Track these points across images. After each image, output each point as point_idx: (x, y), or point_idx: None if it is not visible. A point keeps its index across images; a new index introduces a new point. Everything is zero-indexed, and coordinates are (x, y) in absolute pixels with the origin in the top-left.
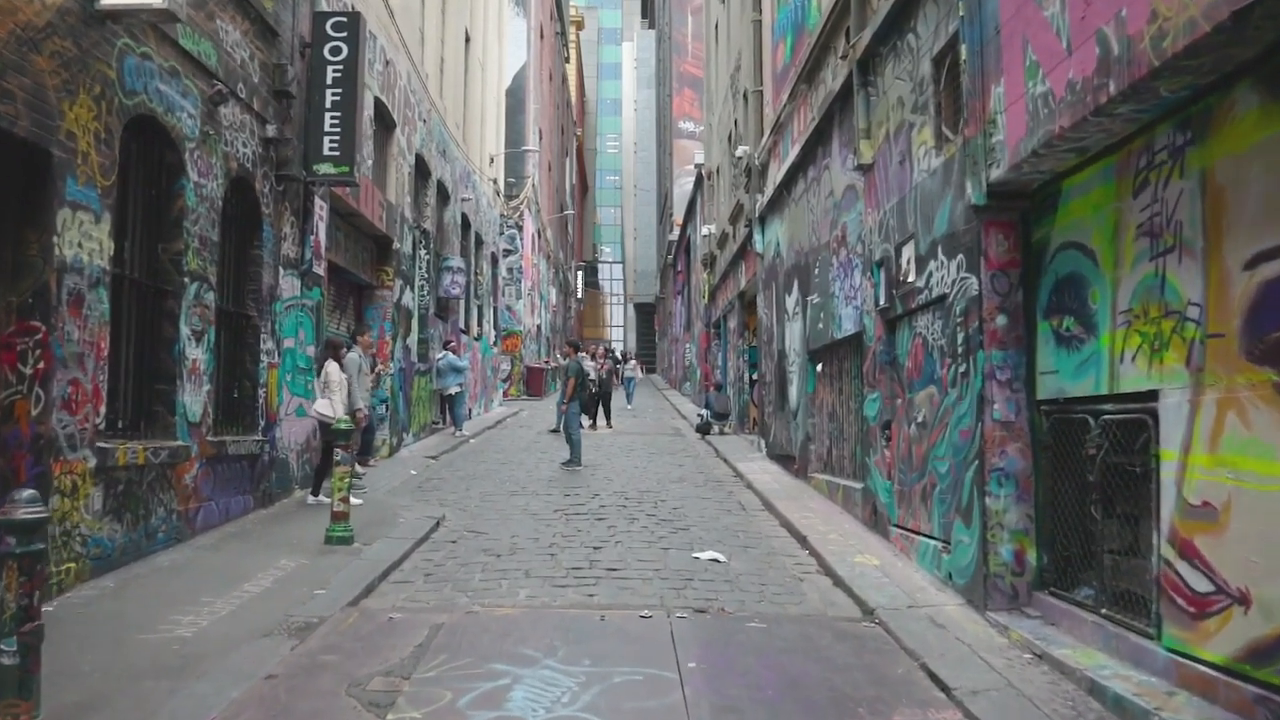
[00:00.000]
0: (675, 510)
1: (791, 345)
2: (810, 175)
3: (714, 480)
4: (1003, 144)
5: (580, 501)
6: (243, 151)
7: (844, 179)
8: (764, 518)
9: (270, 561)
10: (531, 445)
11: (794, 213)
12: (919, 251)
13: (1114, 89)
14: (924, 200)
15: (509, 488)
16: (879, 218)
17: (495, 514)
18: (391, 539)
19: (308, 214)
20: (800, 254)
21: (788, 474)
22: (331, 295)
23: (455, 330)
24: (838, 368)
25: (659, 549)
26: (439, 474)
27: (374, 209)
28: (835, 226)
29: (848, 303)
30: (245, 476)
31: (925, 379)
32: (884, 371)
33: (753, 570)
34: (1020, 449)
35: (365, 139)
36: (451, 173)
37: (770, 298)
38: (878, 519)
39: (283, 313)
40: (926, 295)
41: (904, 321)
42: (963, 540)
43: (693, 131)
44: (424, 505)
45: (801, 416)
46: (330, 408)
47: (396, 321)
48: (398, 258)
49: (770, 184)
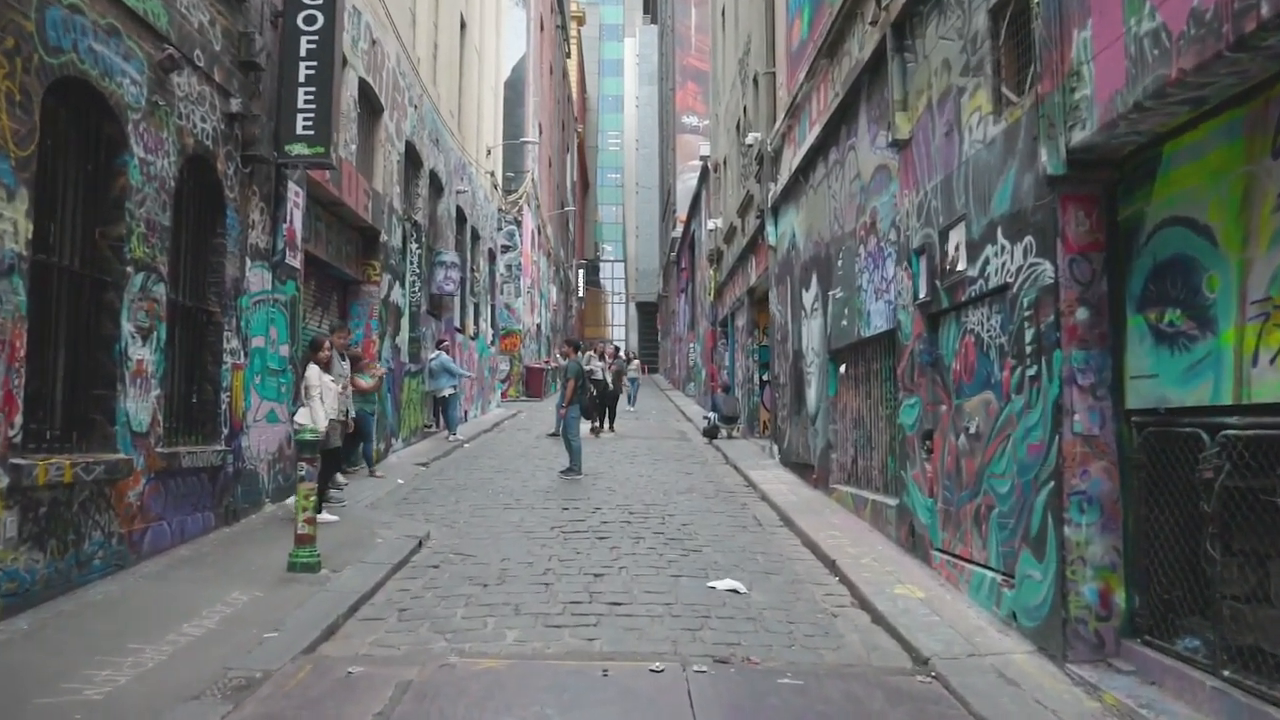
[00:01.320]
0: (684, 527)
1: (809, 344)
2: (832, 158)
3: (725, 491)
4: (1090, 100)
5: (580, 516)
6: (201, 127)
7: (873, 159)
8: (783, 535)
9: (221, 594)
10: (529, 450)
11: (812, 200)
12: (971, 235)
13: (1266, 11)
14: (978, 175)
15: (502, 499)
16: (918, 199)
17: (485, 531)
18: (365, 564)
19: (280, 200)
20: (820, 245)
21: (805, 484)
22: (312, 290)
23: (449, 329)
24: (865, 369)
25: (668, 576)
26: (428, 483)
27: (358, 198)
28: (863, 212)
29: (878, 297)
30: (205, 491)
31: (979, 383)
32: (924, 374)
33: (778, 603)
34: (1105, 468)
35: (348, 121)
36: (445, 163)
37: (784, 293)
38: (916, 541)
39: (250, 308)
40: (981, 286)
41: (950, 317)
42: (1032, 575)
43: (696, 126)
44: (407, 521)
45: (821, 422)
46: (309, 417)
47: (384, 319)
48: (385, 251)
49: (784, 171)
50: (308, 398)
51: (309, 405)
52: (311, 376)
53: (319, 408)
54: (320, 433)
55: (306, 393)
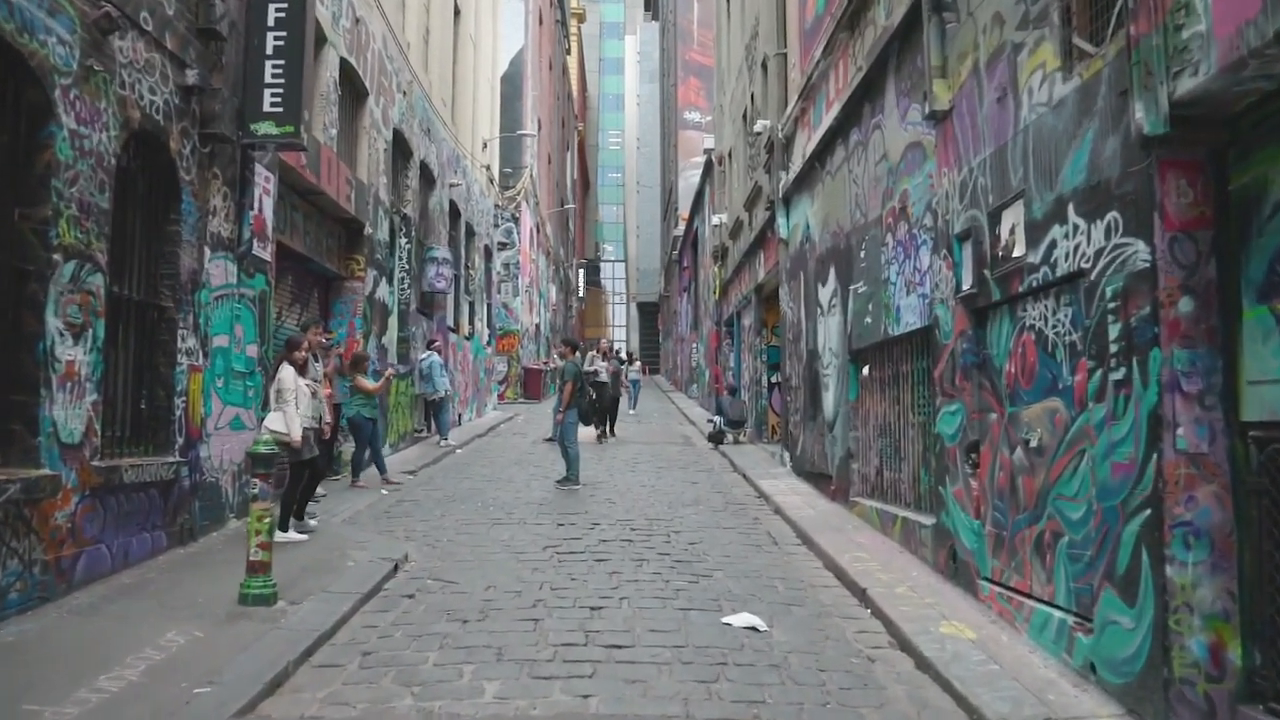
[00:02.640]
0: (692, 546)
1: (826, 344)
2: (853, 139)
3: (735, 503)
4: (1205, 37)
5: (576, 534)
6: (150, 100)
7: (904, 136)
8: (802, 556)
9: (156, 633)
10: (524, 457)
11: (830, 187)
12: (1031, 215)
13: None
14: (1040, 145)
15: (492, 513)
16: (960, 178)
17: (470, 552)
18: (330, 594)
19: (246, 185)
20: (839, 235)
21: (822, 496)
22: (289, 286)
23: (442, 328)
24: (892, 371)
25: (676, 609)
26: (413, 494)
27: (339, 187)
28: (890, 197)
29: (910, 290)
30: (154, 509)
31: (1041, 388)
32: (968, 377)
33: (804, 644)
34: (1216, 494)
35: (328, 104)
36: (438, 154)
37: (797, 289)
38: (958, 568)
39: (211, 304)
40: (1045, 274)
41: (1001, 311)
42: (1119, 622)
43: (698, 121)
44: (385, 539)
45: (840, 429)
46: (281, 423)
47: (369, 317)
48: (370, 245)
49: (797, 158)
50: (280, 401)
51: (281, 410)
52: (285, 378)
53: (293, 413)
54: (293, 440)
55: (279, 396)
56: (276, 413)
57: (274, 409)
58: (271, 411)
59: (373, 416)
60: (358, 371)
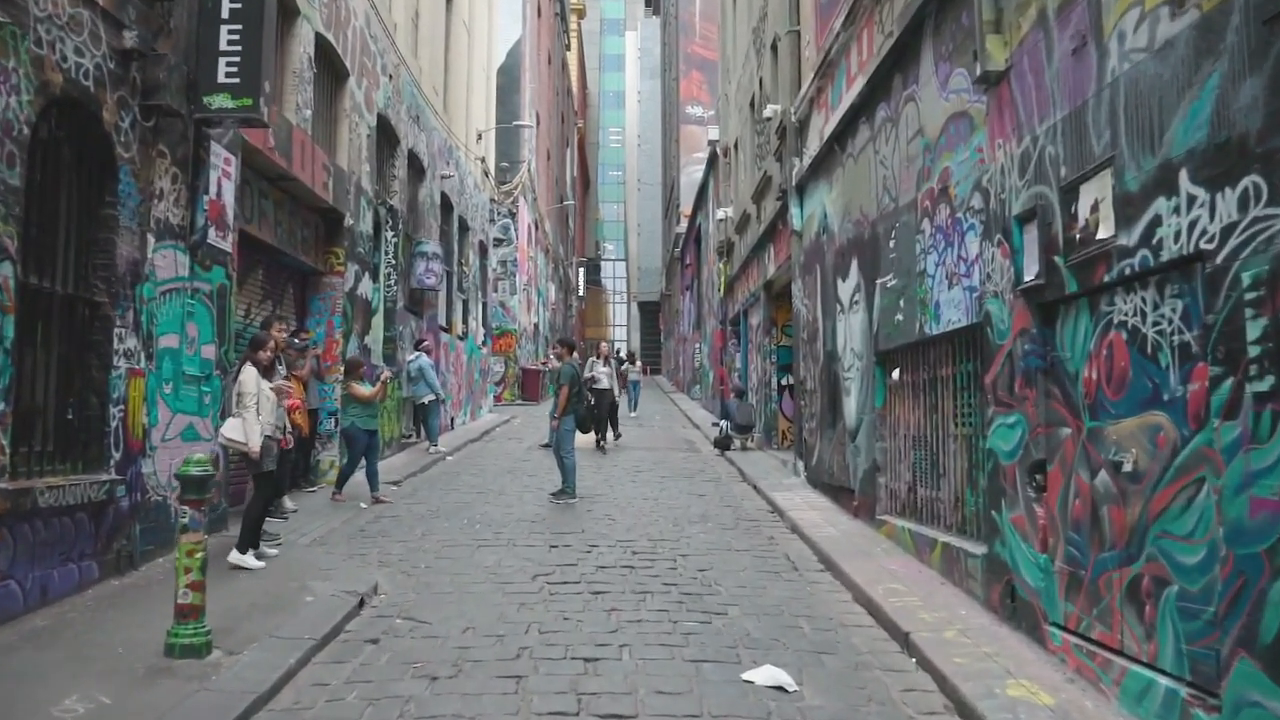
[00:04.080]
0: (702, 574)
1: (848, 344)
2: (879, 116)
3: (747, 519)
4: None
5: (571, 558)
6: (77, 62)
7: (944, 107)
8: (827, 586)
9: (53, 698)
10: (518, 465)
11: (851, 172)
12: (1124, 187)
13: None
14: (1139, 99)
15: (479, 532)
16: (1021, 149)
17: (450, 581)
18: (278, 639)
19: (201, 166)
20: (862, 224)
21: (842, 512)
22: (258, 281)
23: (432, 328)
24: (929, 375)
25: (687, 662)
26: (394, 509)
27: (315, 173)
28: (928, 177)
29: (952, 282)
30: (82, 535)
31: (1136, 399)
32: (1031, 384)
33: (844, 710)
34: None
35: (301, 82)
36: (428, 144)
37: (812, 285)
38: (1018, 609)
39: (157, 299)
40: (1144, 258)
41: (1077, 305)
42: (1263, 705)
43: (701, 116)
44: (355, 564)
45: (864, 438)
46: (240, 431)
47: (350, 316)
48: (351, 237)
49: (813, 141)
50: (240, 407)
51: (241, 416)
52: (247, 381)
53: (253, 420)
54: (251, 450)
55: (239, 401)
56: (235, 419)
57: (233, 415)
58: (230, 418)
59: (371, 429)
60: (352, 378)
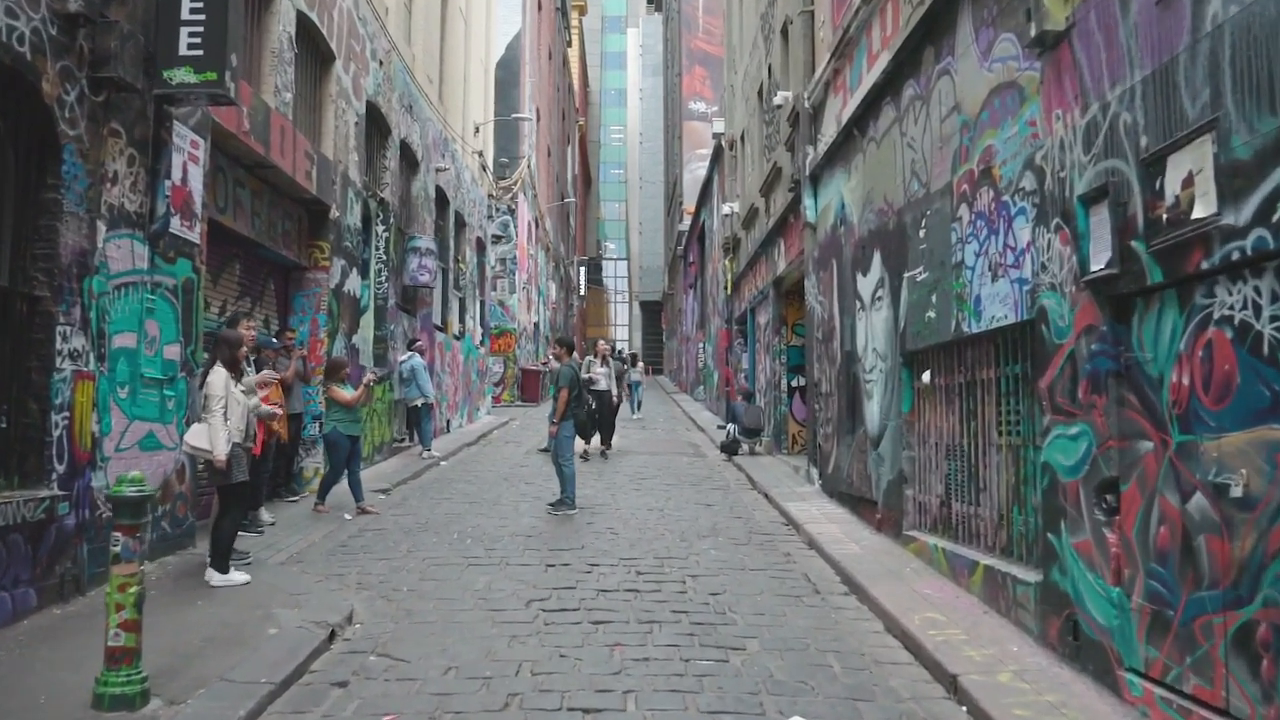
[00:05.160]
0: (715, 598)
1: (869, 344)
2: (906, 95)
3: (759, 532)
4: None
5: (569, 580)
6: (9, 25)
7: (987, 78)
8: (854, 612)
9: None
10: (514, 472)
11: (874, 158)
12: (1231, 154)
13: None
14: (1251, 47)
15: (470, 549)
16: (1087, 118)
17: (435, 608)
18: (229, 683)
19: (162, 148)
20: (886, 214)
21: (864, 525)
22: (236, 275)
23: (426, 327)
24: (967, 377)
25: (703, 714)
26: (379, 521)
27: (297, 161)
28: (967, 158)
29: (996, 274)
30: (17, 559)
31: (1248, 410)
32: (1099, 389)
33: None
34: None
35: (281, 63)
36: (421, 135)
37: (828, 281)
38: (1081, 647)
39: (110, 294)
40: (1259, 241)
41: (1162, 297)
42: None
43: (704, 112)
44: (330, 587)
45: (889, 446)
46: (206, 438)
47: (336, 314)
48: (337, 230)
49: (830, 127)
50: (206, 411)
51: (208, 422)
52: (216, 384)
53: (219, 425)
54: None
55: (205, 404)
56: (200, 425)
57: (199, 420)
58: (195, 424)
59: (354, 434)
60: (333, 380)
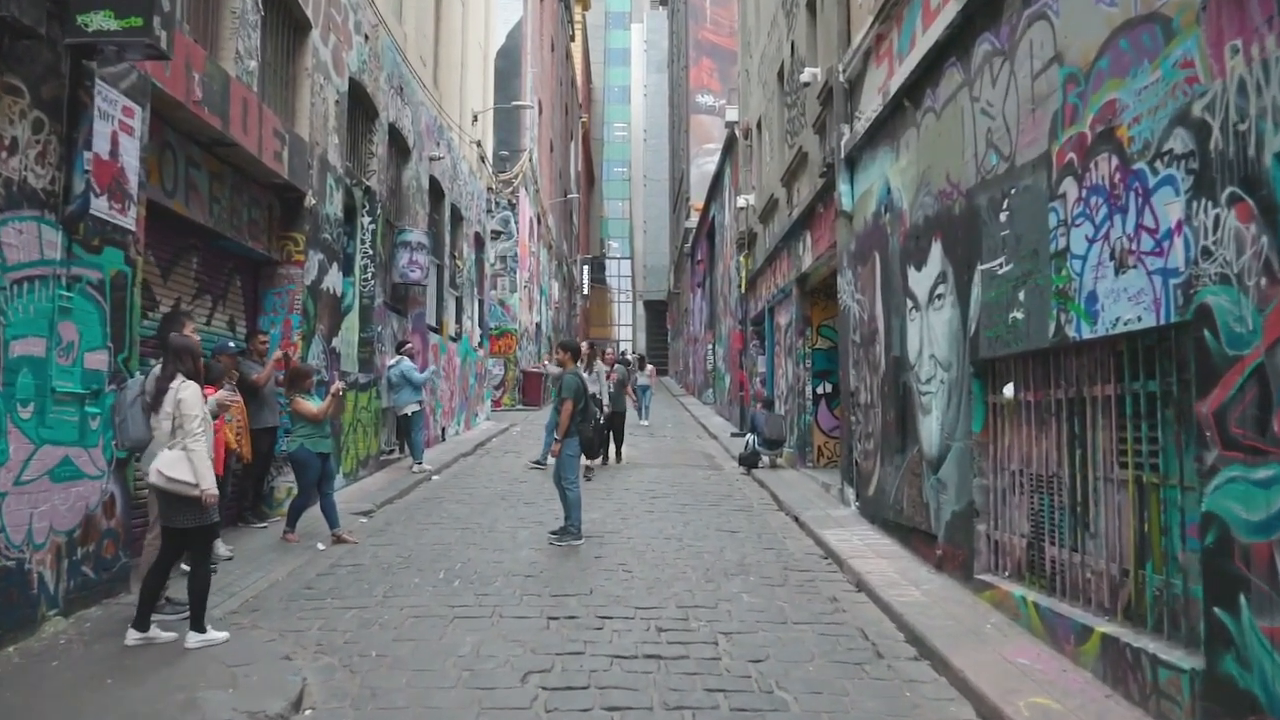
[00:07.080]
0: (756, 667)
1: (926, 349)
2: (981, 51)
3: (796, 568)
4: None
5: (575, 642)
6: None
7: (1106, 15)
8: (932, 688)
9: None
10: (512, 490)
11: (933, 131)
12: None
13: None
14: None
15: (457, 593)
16: None
17: (407, 684)
18: None
19: (81, 112)
20: (949, 195)
21: (919, 561)
22: (193, 270)
23: (419, 328)
24: (1070, 393)
25: None
26: (356, 554)
27: (265, 140)
28: (1074, 119)
29: (1123, 264)
30: None
31: None
32: None
33: None
34: None
35: (243, 25)
36: (413, 119)
37: (868, 276)
38: None
39: (7, 289)
40: None
41: None
42: None
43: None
44: (282, 650)
45: (954, 471)
46: (188, 468)
47: (313, 313)
48: (314, 220)
49: (871, 102)
50: (185, 436)
51: (187, 448)
52: (190, 401)
53: (203, 453)
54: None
55: (181, 428)
56: (176, 453)
57: (175, 446)
58: (166, 450)
59: (323, 451)
60: (297, 391)
